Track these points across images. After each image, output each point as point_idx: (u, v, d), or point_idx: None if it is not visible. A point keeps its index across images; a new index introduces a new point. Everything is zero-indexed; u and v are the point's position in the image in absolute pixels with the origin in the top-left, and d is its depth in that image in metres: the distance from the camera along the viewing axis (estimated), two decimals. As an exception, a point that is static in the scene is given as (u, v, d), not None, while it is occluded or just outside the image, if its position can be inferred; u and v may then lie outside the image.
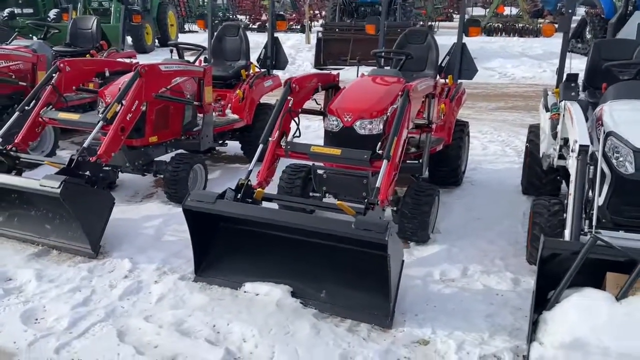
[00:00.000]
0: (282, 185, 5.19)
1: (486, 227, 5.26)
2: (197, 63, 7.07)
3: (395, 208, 4.90)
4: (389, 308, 3.63)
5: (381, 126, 4.69)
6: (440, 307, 3.86)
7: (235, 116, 6.97)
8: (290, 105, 4.69)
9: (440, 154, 6.00)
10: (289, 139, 4.75)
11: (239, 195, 4.14)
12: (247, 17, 29.03)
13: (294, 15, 28.23)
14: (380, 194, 3.99)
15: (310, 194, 5.19)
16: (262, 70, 7.46)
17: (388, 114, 4.72)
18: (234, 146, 7.61)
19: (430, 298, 3.97)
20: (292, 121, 4.78)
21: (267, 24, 7.21)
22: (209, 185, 6.21)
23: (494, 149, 8.13)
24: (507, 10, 29.04)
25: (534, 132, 5.89)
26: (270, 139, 4.57)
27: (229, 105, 7.05)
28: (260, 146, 4.54)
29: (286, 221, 3.76)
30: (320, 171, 4.85)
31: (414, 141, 5.59)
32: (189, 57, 7.42)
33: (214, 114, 6.81)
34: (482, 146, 8.26)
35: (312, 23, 24.00)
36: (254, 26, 25.74)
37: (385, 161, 4.14)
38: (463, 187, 6.48)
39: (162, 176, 5.76)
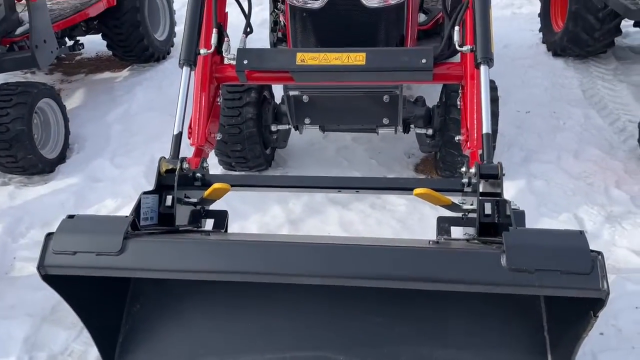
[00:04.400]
0: (219, 129, 2.78)
1: (551, 128, 3.38)
2: None
3: (427, 130, 2.79)
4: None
5: (405, -14, 2.39)
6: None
7: (86, -6, 4.09)
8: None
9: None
10: (236, 44, 2.26)
11: (170, 201, 1.80)
12: None
13: None
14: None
15: (273, 127, 2.91)
16: None
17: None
18: (93, 42, 4.79)
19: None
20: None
21: None
22: (75, 127, 3.59)
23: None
24: None
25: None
26: (200, 51, 2.10)
27: (70, -25, 4.11)
28: (184, 70, 2.06)
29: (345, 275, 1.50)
30: (294, 92, 2.52)
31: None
32: None
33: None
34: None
35: None
36: None
37: (484, 67, 1.94)
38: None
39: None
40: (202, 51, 2.11)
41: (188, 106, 2.06)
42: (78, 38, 4.27)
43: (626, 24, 3.96)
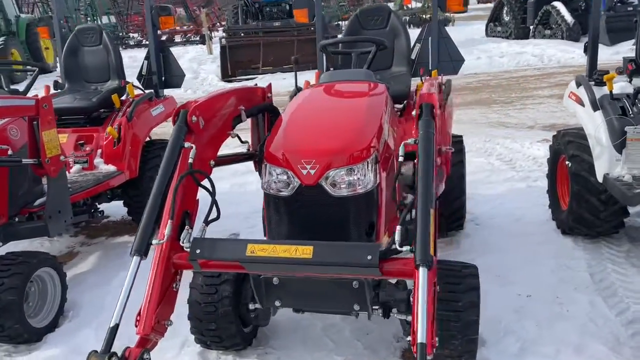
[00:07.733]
0: (195, 307, 2.79)
1: (552, 316, 3.14)
2: (33, 92, 4.56)
3: (407, 317, 2.66)
4: None
5: (371, 176, 2.47)
6: None
7: (111, 167, 4.46)
8: (191, 158, 2.34)
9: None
10: (198, 229, 2.36)
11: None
12: (140, 33, 26.33)
13: (191, 27, 25.89)
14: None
15: (251, 306, 2.86)
16: (147, 91, 4.99)
17: (378, 150, 2.54)
18: (118, 206, 5.10)
19: None
20: (201, 188, 2.43)
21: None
22: (76, 293, 3.68)
23: (478, 162, 6.15)
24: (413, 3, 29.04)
25: (573, 142, 3.89)
26: (153, 242, 2.19)
27: (99, 151, 4.54)
28: (134, 260, 2.14)
29: None
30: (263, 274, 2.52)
31: (402, 180, 3.36)
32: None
33: (77, 167, 4.35)
34: (461, 161, 6.27)
35: (212, 33, 21.65)
36: (147, 42, 22.93)
37: (423, 270, 1.90)
38: (469, 233, 4.38)
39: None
40: (154, 241, 2.19)
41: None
42: (99, 207, 4.56)
43: (636, 204, 3.85)
